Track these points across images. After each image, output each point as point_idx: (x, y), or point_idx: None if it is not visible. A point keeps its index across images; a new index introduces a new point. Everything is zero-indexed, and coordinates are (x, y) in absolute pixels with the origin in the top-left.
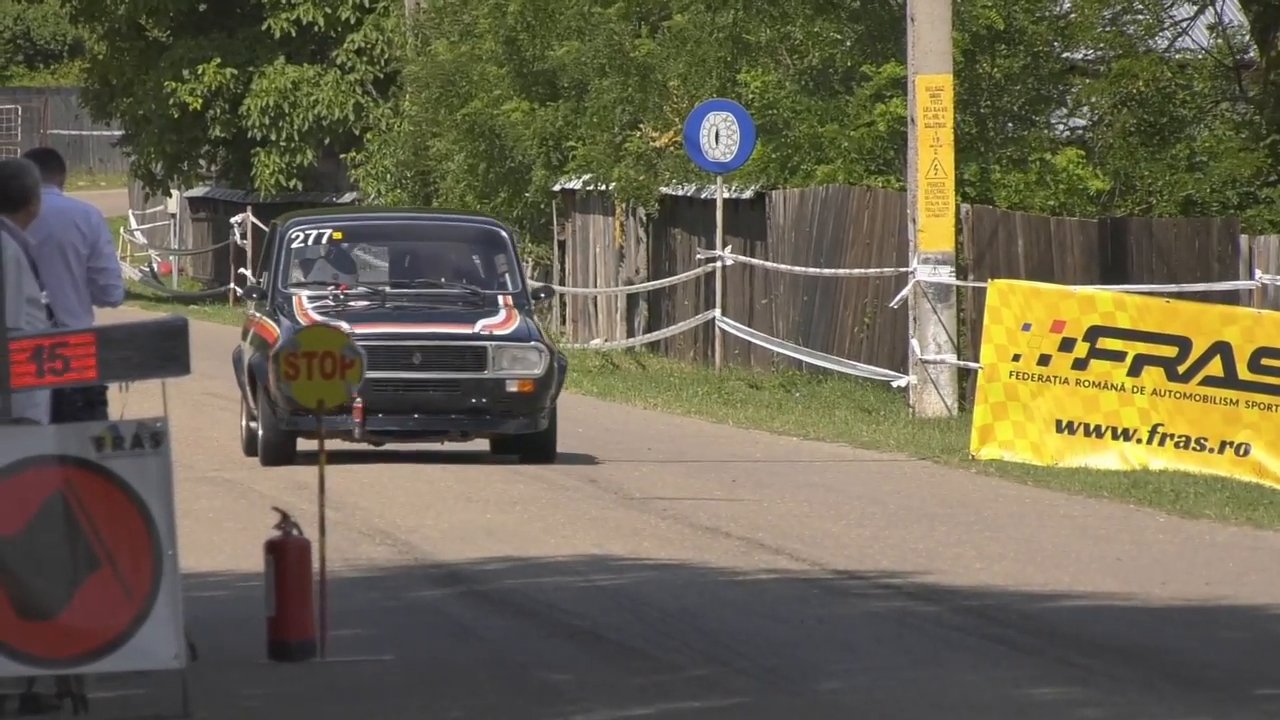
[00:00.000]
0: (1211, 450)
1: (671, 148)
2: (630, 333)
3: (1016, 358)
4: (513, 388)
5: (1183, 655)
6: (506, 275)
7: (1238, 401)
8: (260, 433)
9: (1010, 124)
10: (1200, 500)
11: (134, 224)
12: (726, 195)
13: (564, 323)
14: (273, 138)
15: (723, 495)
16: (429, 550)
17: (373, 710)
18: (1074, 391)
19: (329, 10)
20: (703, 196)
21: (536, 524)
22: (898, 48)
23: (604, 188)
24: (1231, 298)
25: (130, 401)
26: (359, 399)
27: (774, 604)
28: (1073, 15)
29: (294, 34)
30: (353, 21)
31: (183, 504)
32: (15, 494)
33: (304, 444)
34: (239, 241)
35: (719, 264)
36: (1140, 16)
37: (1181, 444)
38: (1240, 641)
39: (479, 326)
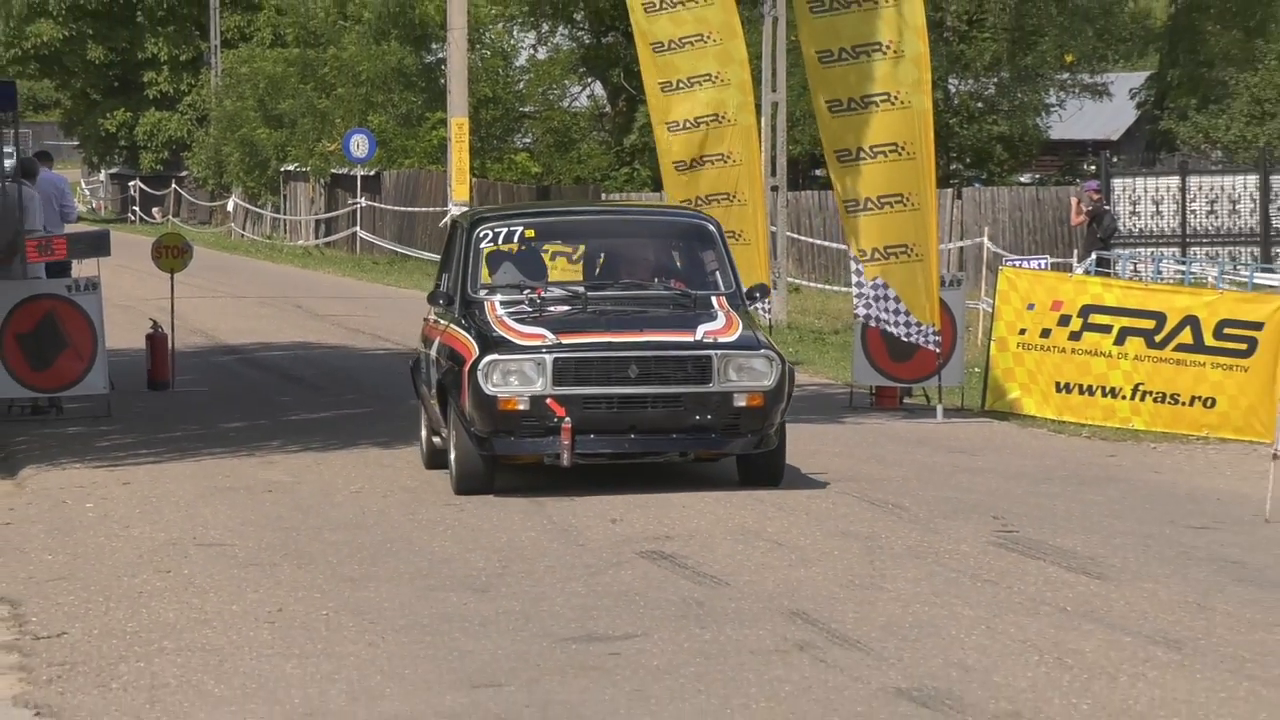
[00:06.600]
0: None
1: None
2: None
3: None
4: (740, 402)
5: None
6: (717, 273)
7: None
8: (452, 456)
9: None
10: None
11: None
12: None
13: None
14: (149, 146)
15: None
16: (222, 337)
17: (201, 414)
18: None
19: (177, 85)
20: None
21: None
22: None
23: (306, 168)
24: None
25: (79, 268)
26: (567, 418)
27: (387, 365)
28: None
29: (160, 95)
30: (186, 89)
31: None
32: (31, 311)
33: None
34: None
35: None
36: None
37: None
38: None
39: (700, 333)
